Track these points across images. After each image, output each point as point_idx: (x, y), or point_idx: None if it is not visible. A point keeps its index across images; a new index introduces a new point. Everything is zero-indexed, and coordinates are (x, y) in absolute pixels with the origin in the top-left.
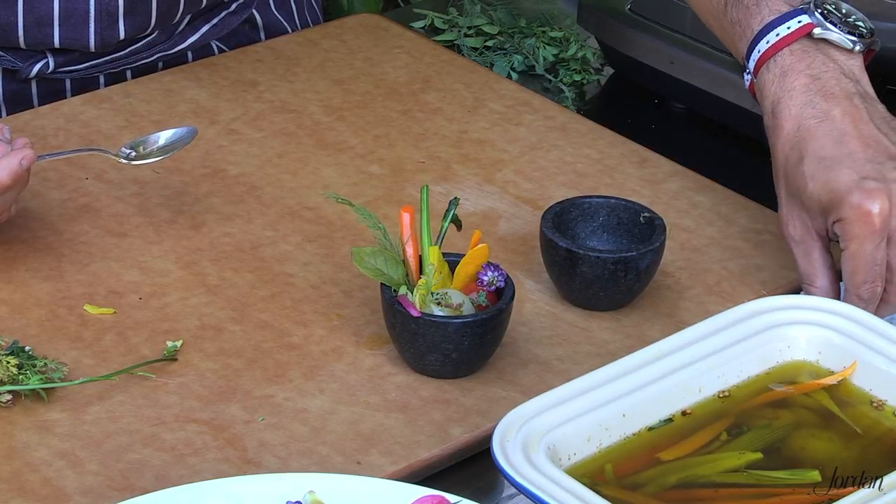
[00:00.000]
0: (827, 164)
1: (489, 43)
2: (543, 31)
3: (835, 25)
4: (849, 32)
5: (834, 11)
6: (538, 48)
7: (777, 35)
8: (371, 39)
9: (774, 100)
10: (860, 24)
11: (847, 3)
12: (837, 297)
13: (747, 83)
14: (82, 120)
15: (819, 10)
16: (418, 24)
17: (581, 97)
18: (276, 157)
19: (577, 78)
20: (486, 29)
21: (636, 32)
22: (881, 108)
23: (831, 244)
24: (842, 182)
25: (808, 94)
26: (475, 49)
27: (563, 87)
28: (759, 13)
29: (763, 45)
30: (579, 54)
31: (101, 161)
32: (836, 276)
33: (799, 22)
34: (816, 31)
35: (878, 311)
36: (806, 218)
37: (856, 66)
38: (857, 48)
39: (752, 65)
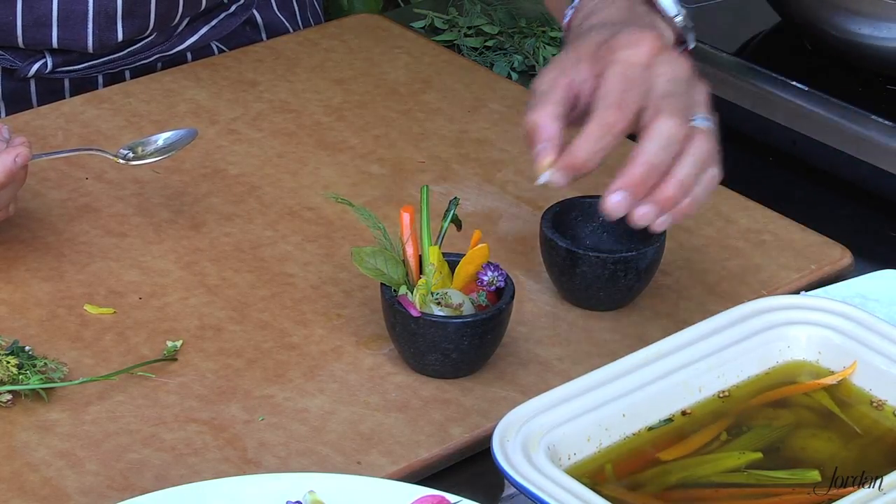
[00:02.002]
0: (615, 26)
1: (489, 43)
2: (543, 31)
3: None
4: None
5: None
6: (538, 48)
7: None
8: (371, 39)
9: (589, 10)
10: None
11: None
12: (560, 127)
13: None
14: (82, 120)
15: None
16: (418, 24)
17: None
18: (276, 157)
19: None
20: (486, 29)
21: None
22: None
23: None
24: (625, 30)
25: (622, 12)
26: (475, 49)
27: None
28: None
29: None
30: None
31: (101, 161)
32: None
33: None
34: None
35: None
36: (568, 66)
37: (668, 36)
38: (679, 19)
39: (569, 11)
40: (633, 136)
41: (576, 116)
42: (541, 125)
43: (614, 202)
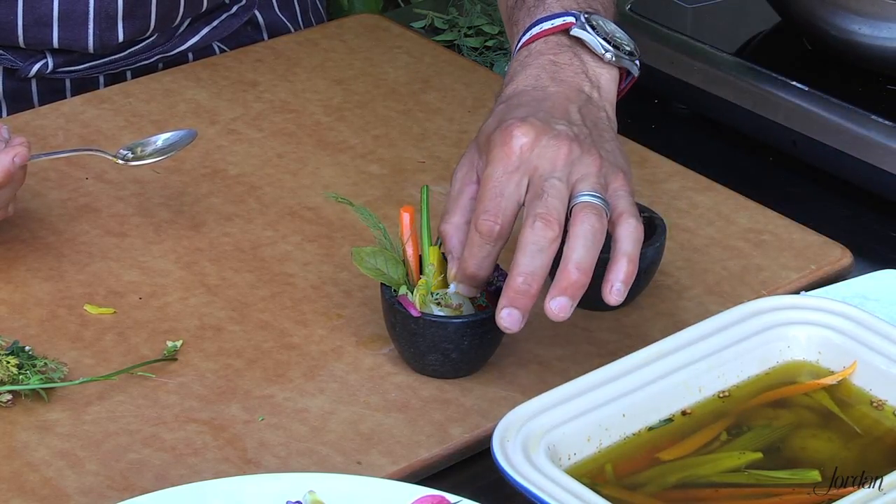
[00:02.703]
0: (511, 106)
1: (489, 43)
2: None
3: (594, 30)
4: (605, 41)
5: (601, 25)
6: None
7: (540, 27)
8: (371, 39)
9: (512, 73)
10: (623, 43)
11: (624, 30)
12: (464, 237)
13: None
14: (82, 120)
15: (586, 18)
16: (418, 24)
17: None
18: (276, 157)
19: None
20: (486, 29)
21: (636, 32)
22: (603, 116)
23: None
24: (508, 117)
25: (539, 71)
26: (475, 49)
27: None
28: (536, 14)
29: (524, 37)
30: None
31: (101, 161)
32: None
33: (563, 20)
34: (574, 30)
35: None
36: (475, 157)
37: (604, 74)
38: (608, 56)
39: (514, 55)
40: (638, 139)
41: None
42: (447, 237)
43: (508, 319)
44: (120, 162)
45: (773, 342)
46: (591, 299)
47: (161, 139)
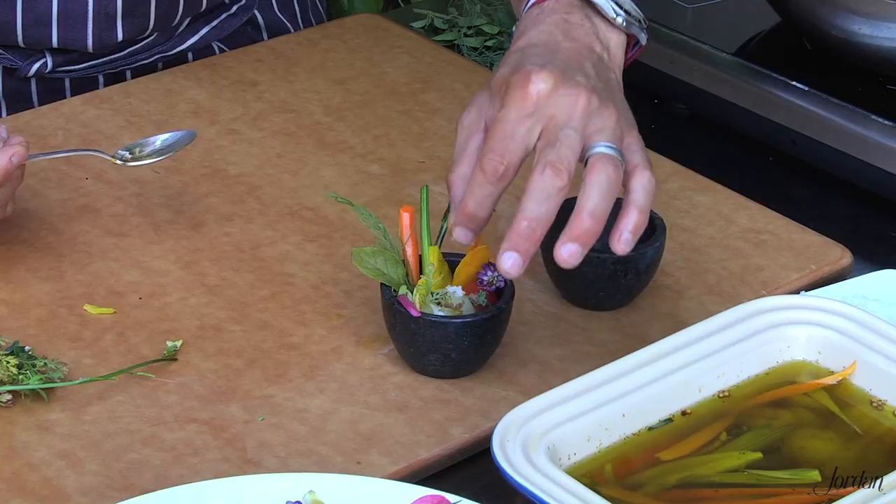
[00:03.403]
0: (525, 55)
1: (489, 43)
2: None
3: None
4: (617, 5)
5: None
6: None
7: None
8: (371, 39)
9: (523, 29)
10: (631, 11)
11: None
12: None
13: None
14: (82, 120)
15: None
16: (418, 24)
17: None
18: (276, 157)
19: None
20: (486, 29)
21: None
22: (612, 76)
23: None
24: (526, 63)
25: (552, 27)
26: (475, 49)
27: None
28: None
29: None
30: None
31: (101, 161)
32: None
33: None
34: None
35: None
36: (485, 104)
37: (614, 38)
38: (619, 20)
39: (524, 13)
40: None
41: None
42: (453, 186)
43: (509, 262)
44: (118, 162)
45: (773, 342)
46: (592, 299)
47: (160, 140)
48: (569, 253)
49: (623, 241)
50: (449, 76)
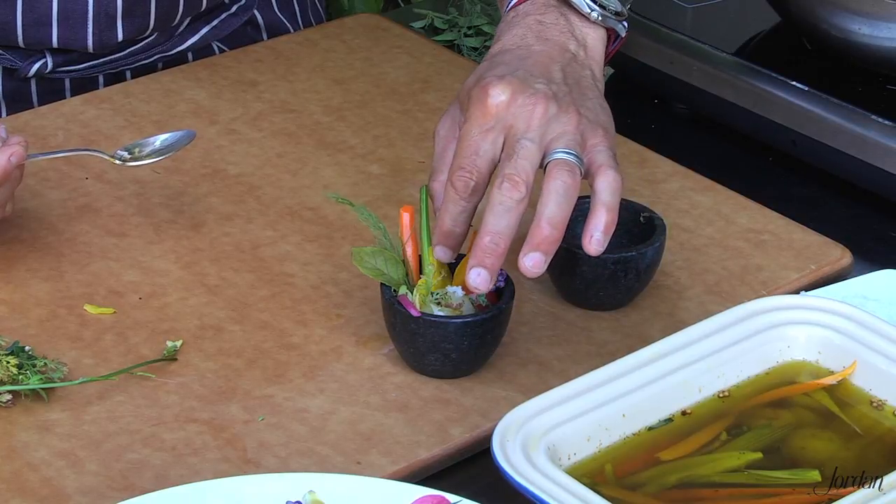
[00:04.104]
0: (493, 64)
1: (489, 43)
2: None
3: None
4: (592, 1)
5: None
6: None
7: None
8: (371, 39)
9: (498, 34)
10: (609, 4)
11: None
12: None
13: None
14: (82, 120)
15: None
16: (418, 24)
17: None
18: (276, 157)
19: None
20: (486, 29)
21: (636, 32)
22: (587, 74)
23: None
24: (487, 74)
25: (525, 31)
26: (475, 49)
27: None
28: None
29: (512, 1)
30: None
31: (101, 161)
32: None
33: None
34: None
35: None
36: (457, 113)
37: (591, 34)
38: (595, 15)
39: (503, 17)
40: (638, 139)
41: None
42: (436, 194)
43: (477, 279)
44: (118, 162)
45: (773, 342)
46: (592, 299)
47: (159, 140)
48: (532, 262)
49: (594, 242)
50: (449, 76)
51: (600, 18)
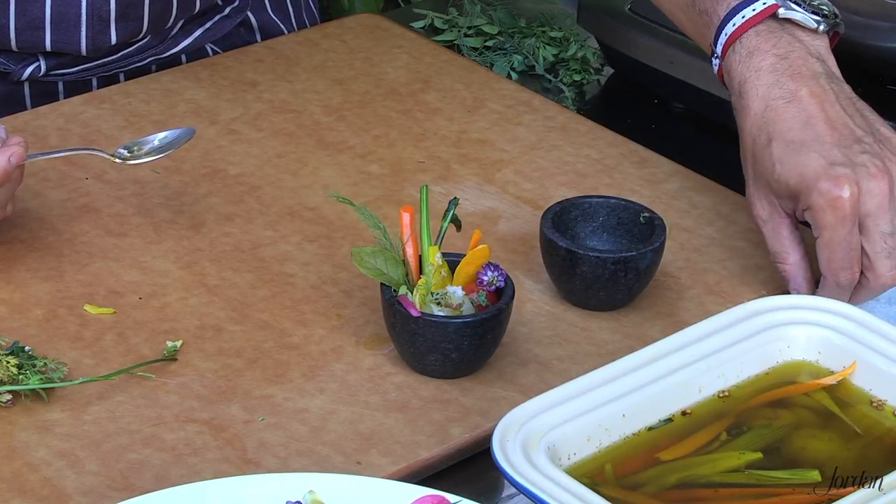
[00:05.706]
0: (795, 148)
1: (489, 43)
2: (543, 31)
3: (798, 6)
4: (813, 13)
5: None
6: (538, 48)
7: (743, 17)
8: (371, 39)
9: (741, 80)
10: (823, 6)
11: None
12: (809, 271)
13: (716, 68)
14: (82, 120)
15: None
16: (418, 24)
17: (581, 97)
18: (276, 157)
19: (577, 78)
20: (486, 29)
21: (636, 32)
22: (847, 88)
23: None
24: (810, 168)
25: (775, 75)
26: (475, 49)
27: (563, 87)
28: (726, 0)
29: (729, 28)
30: (579, 54)
31: (100, 161)
32: (806, 252)
33: (764, 3)
34: (781, 11)
35: (856, 298)
36: (773, 198)
37: (822, 46)
38: (822, 27)
39: (719, 49)
40: (638, 139)
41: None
42: (792, 277)
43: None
44: (117, 161)
45: (772, 342)
46: (592, 299)
47: (158, 138)
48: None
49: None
50: (449, 76)
51: (826, 28)
